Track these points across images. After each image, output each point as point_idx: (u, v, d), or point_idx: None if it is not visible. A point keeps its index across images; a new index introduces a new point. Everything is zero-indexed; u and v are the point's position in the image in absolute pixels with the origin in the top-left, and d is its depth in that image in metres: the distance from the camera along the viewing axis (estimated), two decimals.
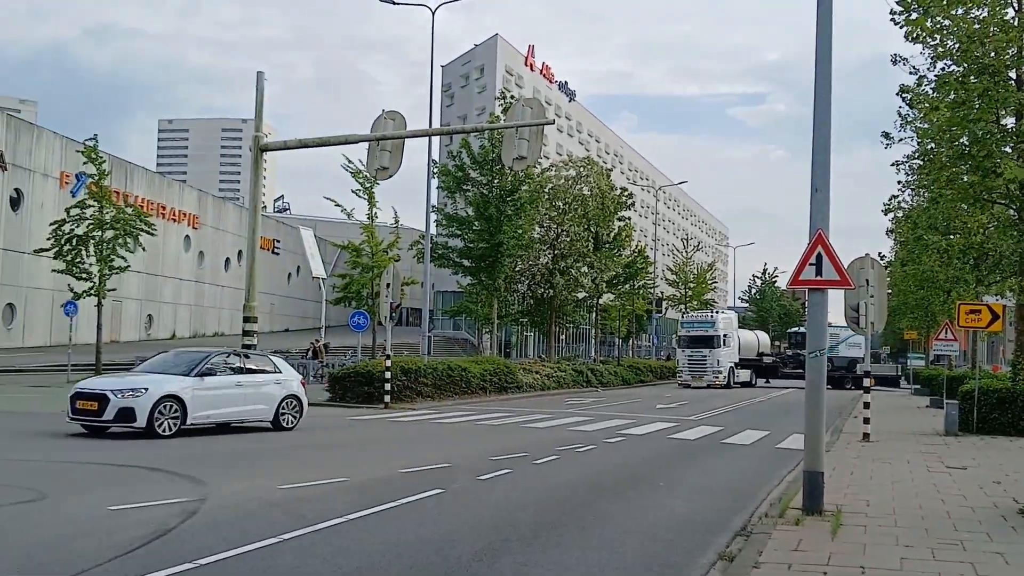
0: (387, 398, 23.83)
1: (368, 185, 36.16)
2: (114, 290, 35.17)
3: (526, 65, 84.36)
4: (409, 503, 9.21)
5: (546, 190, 40.07)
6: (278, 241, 69.34)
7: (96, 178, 32.36)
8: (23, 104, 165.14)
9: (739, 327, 55.20)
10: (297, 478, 10.51)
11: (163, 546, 6.91)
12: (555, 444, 15.62)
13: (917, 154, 23.54)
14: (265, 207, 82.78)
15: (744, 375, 51.02)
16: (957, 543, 7.73)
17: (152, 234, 34.92)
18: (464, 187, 36.64)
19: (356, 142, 21.88)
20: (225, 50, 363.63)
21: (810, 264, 9.49)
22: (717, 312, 52.14)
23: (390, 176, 20.98)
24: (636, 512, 9.48)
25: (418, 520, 8.41)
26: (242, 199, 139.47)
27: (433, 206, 37.26)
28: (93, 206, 32.18)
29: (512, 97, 38.99)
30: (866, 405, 18.80)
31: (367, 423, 19.82)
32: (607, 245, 45.03)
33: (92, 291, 31.93)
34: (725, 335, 48.01)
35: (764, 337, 60.17)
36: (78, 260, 31.80)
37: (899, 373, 58.48)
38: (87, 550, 6.62)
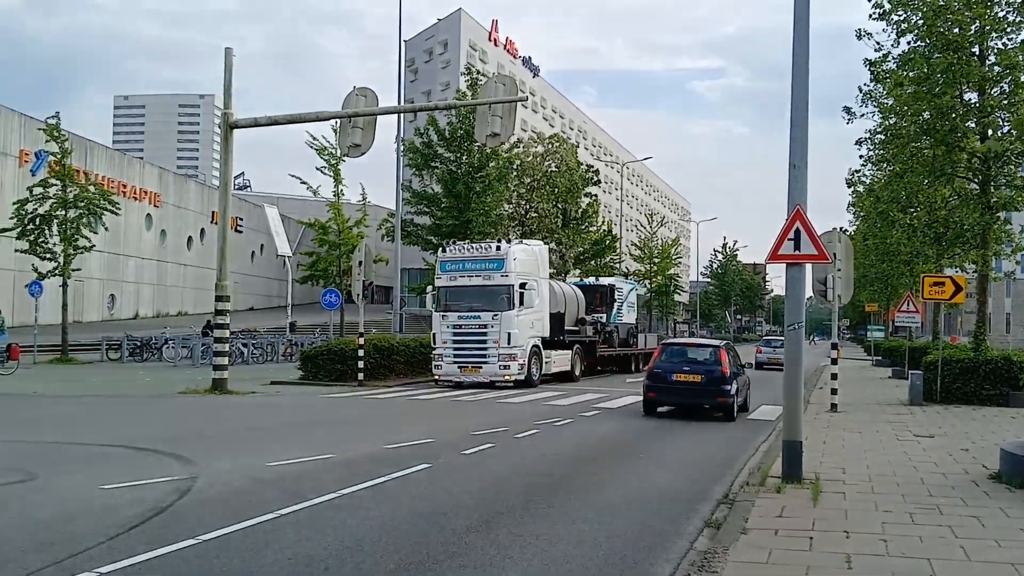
0: (360, 376, 23.87)
1: (334, 162, 35.87)
2: (78, 270, 34.66)
3: (490, 40, 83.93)
4: (399, 478, 9.34)
5: (514, 167, 40.06)
6: (241, 219, 68.45)
7: (58, 156, 31.81)
8: None
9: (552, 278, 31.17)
10: (284, 456, 10.57)
11: (162, 523, 6.98)
12: (533, 419, 15.81)
13: (880, 129, 23.92)
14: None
15: (562, 360, 27.26)
16: (934, 508, 8.04)
17: (116, 213, 34.45)
18: (432, 164, 36.57)
19: (328, 119, 21.83)
20: (175, 21, 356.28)
21: (788, 239, 9.71)
22: (508, 244, 25.77)
23: (363, 153, 20.91)
24: (620, 483, 9.69)
25: (410, 494, 8.54)
26: (203, 176, 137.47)
27: (402, 184, 37.11)
28: (55, 185, 31.66)
29: (478, 72, 38.84)
30: (833, 376, 19.22)
31: (343, 401, 19.88)
32: (575, 221, 45.22)
33: (56, 271, 31.47)
34: (524, 286, 24.45)
35: (581, 296, 31.78)
36: (41, 240, 31.31)
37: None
38: (87, 529, 6.66)
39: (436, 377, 24.58)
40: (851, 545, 6.60)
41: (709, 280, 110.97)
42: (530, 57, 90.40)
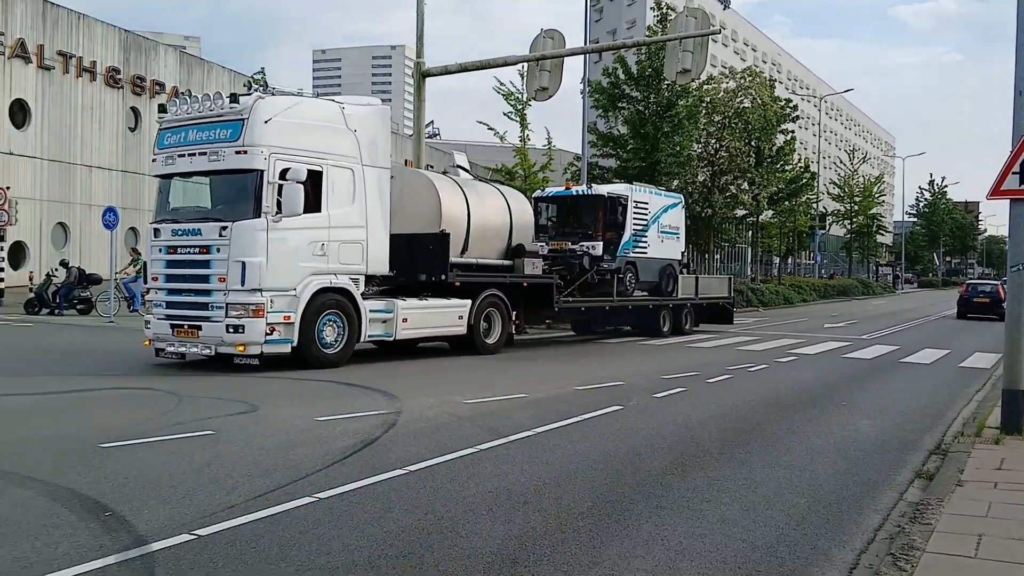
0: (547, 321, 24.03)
1: (520, 107, 36.06)
2: None
3: None
4: (591, 419, 9.43)
5: (704, 104, 38.78)
6: (431, 166, 70.40)
7: None
8: (187, 40, 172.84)
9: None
10: (479, 394, 10.92)
11: (372, 454, 7.39)
12: (725, 363, 15.50)
13: None
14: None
15: (437, 317, 15.84)
16: None
17: None
18: (619, 105, 35.99)
19: (516, 63, 21.93)
20: None
21: (1013, 172, 8.86)
22: (258, 92, 14.11)
23: (549, 96, 20.97)
24: (820, 431, 9.34)
25: (602, 435, 8.60)
26: (395, 125, 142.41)
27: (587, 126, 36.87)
28: None
29: (667, 7, 37.67)
30: None
31: (529, 342, 20.22)
32: (769, 160, 43.39)
33: None
34: (285, 174, 12.84)
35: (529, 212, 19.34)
36: None
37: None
38: (305, 457, 7.16)
39: (145, 342, 13.89)
40: None
41: (915, 220, 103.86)
42: None
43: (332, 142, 13.71)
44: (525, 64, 23.05)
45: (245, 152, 12.62)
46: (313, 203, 13.16)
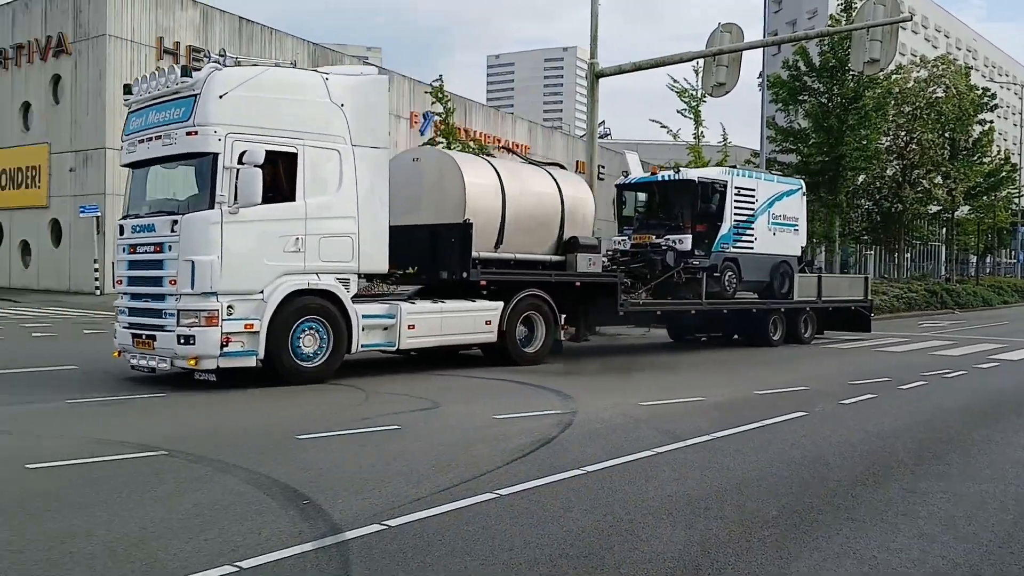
0: None
1: (694, 104, 35.42)
2: None
3: None
4: (773, 424, 9.11)
5: (894, 95, 36.73)
6: (603, 166, 70.31)
7: (443, 116, 34.89)
8: (369, 52, 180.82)
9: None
10: (655, 396, 10.80)
11: (549, 453, 7.45)
12: (919, 369, 14.60)
13: None
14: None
15: (451, 323, 13.23)
16: None
17: None
18: (800, 98, 34.73)
19: (691, 59, 21.58)
20: None
21: None
22: (215, 63, 11.13)
23: (727, 92, 20.46)
24: None
25: (786, 442, 8.29)
26: (567, 127, 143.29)
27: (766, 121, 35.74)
28: (442, 142, 34.77)
29: None
30: None
31: (707, 344, 19.79)
32: (965, 152, 40.55)
33: None
34: (243, 158, 10.56)
35: (588, 200, 16.08)
36: None
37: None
38: (485, 454, 7.31)
39: (115, 352, 11.86)
40: None
41: None
42: None
43: (311, 118, 11.42)
44: (700, 60, 22.62)
45: (195, 133, 10.62)
46: (287, 191, 11.13)
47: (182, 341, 10.44)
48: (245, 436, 8.12)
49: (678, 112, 35.90)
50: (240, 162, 10.47)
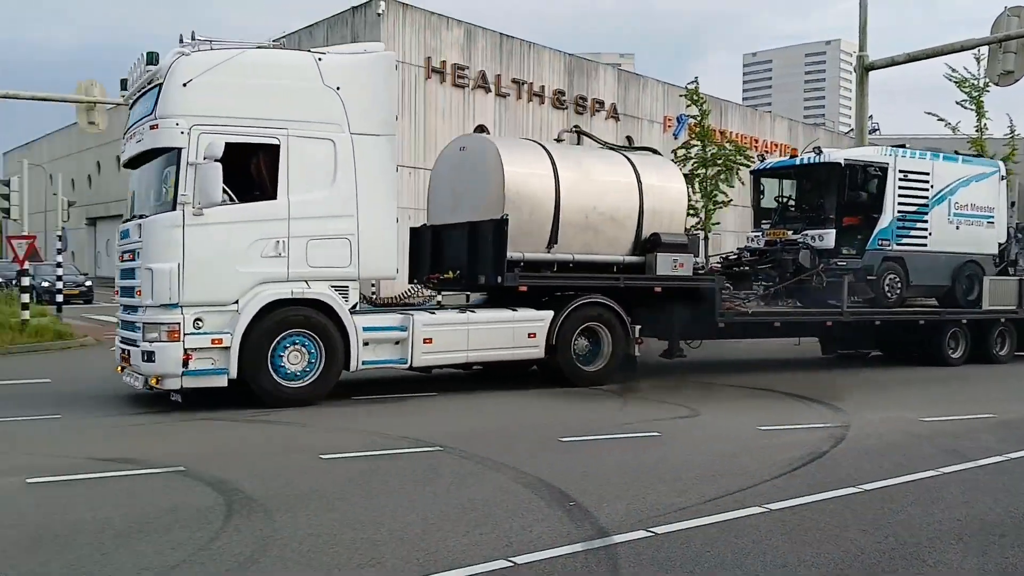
0: None
1: (976, 95, 32.41)
2: (718, 223, 37.16)
3: None
4: None
5: None
6: None
7: (697, 118, 34.37)
8: (622, 58, 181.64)
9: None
10: (935, 411, 10.00)
11: (820, 468, 7.12)
12: None
13: None
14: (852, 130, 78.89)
15: (479, 337, 11.29)
16: None
17: (750, 167, 36.01)
18: None
19: (974, 47, 19.82)
20: None
21: None
22: (187, 48, 9.71)
23: (1015, 80, 18.66)
24: None
25: None
26: (830, 123, 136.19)
27: None
28: (696, 145, 34.29)
29: None
30: None
31: (871, 361, 17.93)
32: None
33: (699, 226, 34.19)
34: (210, 151, 9.31)
35: (665, 181, 13.35)
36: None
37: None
38: (751, 466, 7.11)
39: (116, 368, 10.72)
40: None
41: None
42: None
43: (297, 105, 9.95)
44: (982, 48, 20.67)
45: (157, 127, 9.53)
46: (268, 187, 9.80)
47: (144, 358, 9.38)
48: (511, 436, 8.46)
49: (957, 103, 33.02)
50: (207, 158, 9.18)
